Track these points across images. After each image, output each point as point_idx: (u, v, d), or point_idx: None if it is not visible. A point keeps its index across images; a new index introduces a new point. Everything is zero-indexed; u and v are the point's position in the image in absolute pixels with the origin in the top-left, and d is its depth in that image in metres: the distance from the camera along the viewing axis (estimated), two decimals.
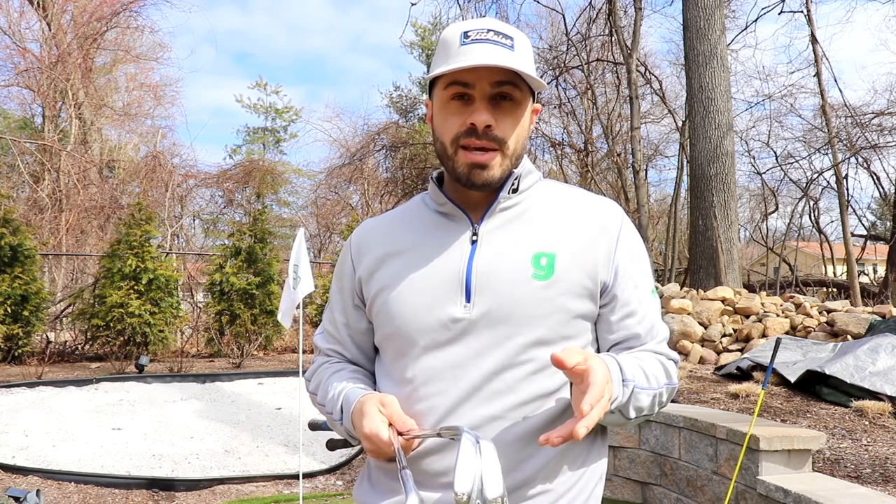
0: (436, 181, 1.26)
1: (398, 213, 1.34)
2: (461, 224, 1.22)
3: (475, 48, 1.13)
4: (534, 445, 1.13)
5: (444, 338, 1.16)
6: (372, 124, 22.44)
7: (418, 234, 1.25)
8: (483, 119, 1.14)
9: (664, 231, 22.13)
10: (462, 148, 1.16)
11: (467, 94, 1.15)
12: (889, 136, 16.81)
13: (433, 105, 1.23)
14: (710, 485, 4.16)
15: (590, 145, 19.65)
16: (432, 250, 1.21)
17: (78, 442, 5.55)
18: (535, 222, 1.21)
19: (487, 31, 1.15)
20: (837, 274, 20.05)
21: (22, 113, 20.91)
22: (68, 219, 15.38)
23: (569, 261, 1.16)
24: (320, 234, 21.90)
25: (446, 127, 1.18)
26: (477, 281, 1.16)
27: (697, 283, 10.45)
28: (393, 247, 1.25)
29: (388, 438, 1.08)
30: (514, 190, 1.22)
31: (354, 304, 1.31)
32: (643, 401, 1.13)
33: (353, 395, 1.20)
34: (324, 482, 5.14)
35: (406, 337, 1.18)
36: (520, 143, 1.20)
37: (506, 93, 1.15)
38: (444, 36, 1.20)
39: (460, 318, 1.15)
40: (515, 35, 1.17)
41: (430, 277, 1.18)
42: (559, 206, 1.23)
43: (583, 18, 16.89)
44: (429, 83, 1.24)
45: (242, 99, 32.26)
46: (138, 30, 19.79)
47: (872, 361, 5.54)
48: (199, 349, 11.21)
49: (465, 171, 1.16)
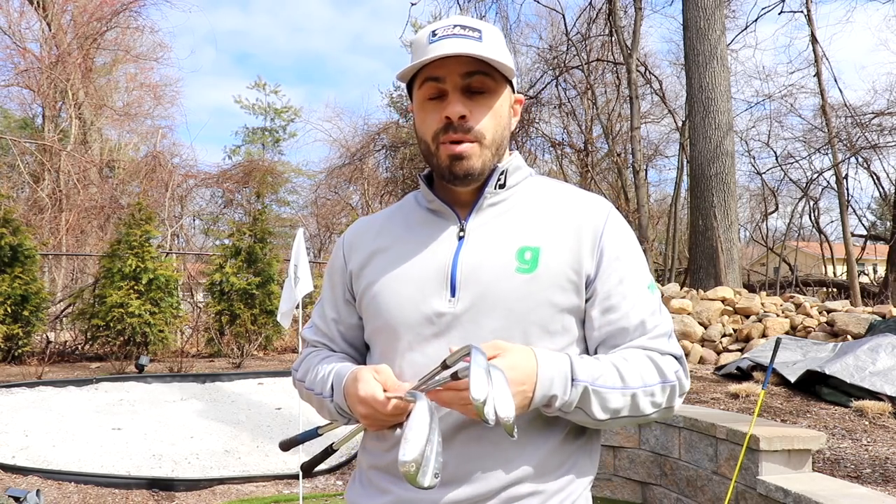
0: (425, 179, 1.28)
1: (390, 211, 1.35)
2: (449, 220, 1.23)
3: (442, 43, 1.15)
4: (523, 445, 1.12)
5: (430, 332, 1.16)
6: (372, 124, 22.49)
7: (407, 231, 1.26)
8: (456, 111, 1.15)
9: (664, 231, 22.12)
10: (442, 144, 1.18)
11: (441, 89, 1.17)
12: (889, 136, 16.82)
13: (414, 108, 1.25)
14: (710, 485, 4.16)
15: (590, 145, 19.65)
16: (420, 246, 1.22)
17: (78, 442, 5.55)
18: (522, 217, 1.21)
19: (454, 27, 1.17)
20: (837, 274, 20.06)
21: (22, 113, 20.94)
22: (68, 219, 15.37)
23: (553, 254, 1.16)
24: (320, 234, 21.89)
25: (425, 126, 1.20)
26: (462, 275, 1.16)
27: (697, 283, 10.45)
28: (383, 242, 1.27)
29: (385, 398, 1.08)
30: (502, 186, 1.23)
31: (346, 298, 1.32)
32: (613, 401, 1.09)
33: (344, 371, 1.21)
34: (324, 482, 5.14)
35: (392, 331, 1.19)
36: (498, 134, 1.20)
37: (478, 84, 1.17)
38: (415, 39, 1.23)
39: (444, 313, 1.15)
40: (484, 28, 1.19)
41: (416, 272, 1.19)
42: (546, 202, 1.24)
43: (583, 18, 16.92)
44: (408, 89, 1.26)
45: (241, 99, 32.33)
46: (138, 30, 19.82)
47: (872, 361, 5.54)
48: (199, 349, 11.21)
49: (447, 165, 1.18)
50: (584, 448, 1.20)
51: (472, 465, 1.11)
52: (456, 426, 1.12)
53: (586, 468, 1.20)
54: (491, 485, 1.11)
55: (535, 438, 1.14)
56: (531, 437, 1.13)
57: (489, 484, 1.11)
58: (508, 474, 1.11)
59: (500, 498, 1.11)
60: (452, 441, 1.12)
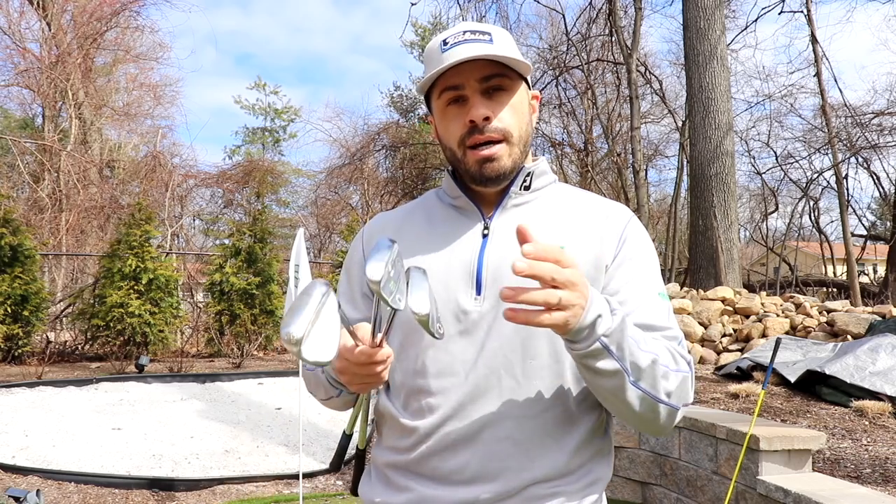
0: (451, 174, 1.28)
1: (411, 207, 1.35)
2: (473, 217, 1.24)
3: (455, 51, 1.15)
4: (545, 445, 1.14)
5: (455, 329, 1.16)
6: (372, 124, 22.50)
7: (430, 226, 1.27)
8: (480, 113, 1.15)
9: (664, 231, 22.13)
10: (469, 148, 1.18)
11: (461, 95, 1.18)
12: (889, 136, 16.81)
13: (434, 118, 1.25)
14: (710, 485, 4.16)
15: (590, 145, 19.65)
16: (444, 242, 1.22)
17: (78, 442, 5.55)
18: (545, 218, 1.22)
19: (464, 33, 1.17)
20: (837, 274, 20.07)
21: (22, 113, 20.94)
22: (68, 219, 15.37)
23: (577, 254, 1.16)
24: (320, 234, 21.89)
25: (450, 132, 1.21)
26: (487, 274, 1.17)
27: (697, 283, 10.45)
28: (405, 237, 1.26)
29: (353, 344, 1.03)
30: (527, 187, 1.24)
31: (363, 292, 1.32)
32: (641, 359, 1.02)
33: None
34: (324, 482, 5.14)
35: (415, 326, 1.17)
36: (524, 130, 1.21)
37: (496, 84, 1.17)
38: (426, 50, 1.23)
39: (470, 311, 1.16)
40: (493, 30, 1.20)
41: (441, 269, 1.19)
42: (569, 206, 1.25)
43: (583, 18, 16.91)
44: (426, 99, 1.26)
45: (241, 100, 32.30)
46: (138, 30, 19.82)
47: (872, 361, 5.54)
48: (199, 349, 11.21)
49: (476, 169, 1.18)
50: (602, 451, 1.21)
51: (496, 465, 1.12)
52: (480, 426, 1.13)
53: (603, 471, 1.21)
54: (513, 484, 1.12)
55: (557, 440, 1.15)
56: (554, 439, 1.14)
57: (511, 483, 1.12)
58: (531, 474, 1.13)
59: (521, 496, 1.12)
60: (476, 440, 1.13)
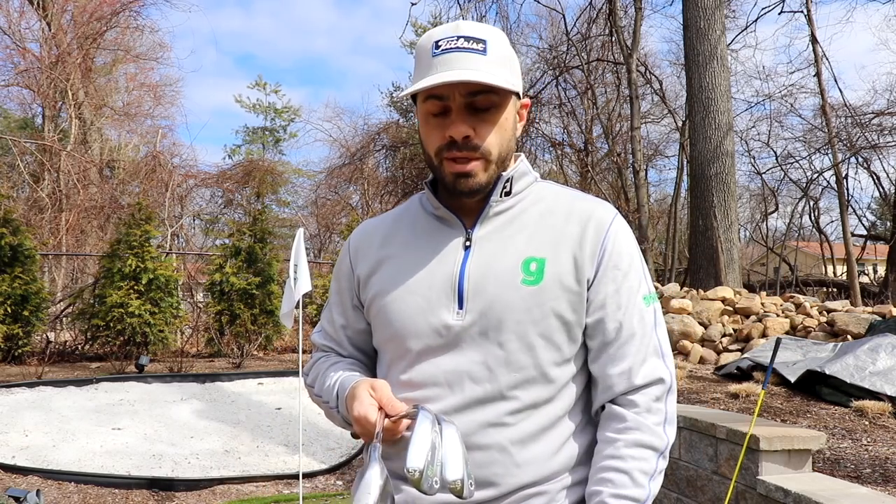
0: (430, 186, 1.26)
1: (396, 214, 1.34)
2: (455, 229, 1.23)
3: (445, 59, 1.12)
4: (531, 451, 1.14)
5: (438, 343, 1.17)
6: (372, 124, 22.49)
7: (414, 238, 1.25)
8: (461, 131, 1.14)
9: (664, 231, 22.13)
10: (446, 160, 1.17)
11: (445, 106, 1.15)
12: (889, 136, 16.82)
13: (418, 119, 1.24)
14: (710, 485, 4.16)
15: (590, 145, 19.64)
16: (427, 255, 1.22)
17: (78, 442, 5.55)
18: (527, 227, 1.20)
19: (457, 39, 1.14)
20: (837, 274, 20.07)
21: (22, 113, 20.93)
22: (68, 219, 15.36)
23: (558, 265, 1.16)
24: (320, 234, 21.87)
25: (429, 140, 1.19)
26: (469, 287, 1.16)
27: (697, 283, 10.45)
28: (390, 250, 1.26)
29: (375, 420, 1.09)
30: (507, 193, 1.22)
31: (353, 304, 1.32)
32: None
33: (348, 382, 1.22)
34: (324, 482, 5.14)
35: (401, 341, 1.20)
36: (504, 147, 1.19)
37: (483, 102, 1.14)
38: (418, 46, 1.20)
39: (452, 325, 1.16)
40: (488, 36, 1.15)
41: (424, 282, 1.19)
42: (551, 208, 1.23)
43: (583, 18, 16.91)
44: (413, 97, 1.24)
45: (242, 99, 32.27)
46: (138, 30, 19.83)
47: (872, 361, 5.54)
48: (199, 349, 11.21)
49: (451, 181, 1.17)
50: (589, 450, 1.21)
51: (483, 472, 1.13)
52: (466, 435, 1.12)
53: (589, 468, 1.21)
54: (501, 490, 1.13)
55: (544, 445, 1.15)
56: (540, 444, 1.15)
57: (499, 489, 1.13)
58: (518, 479, 1.13)
59: (510, 501, 1.14)
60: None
